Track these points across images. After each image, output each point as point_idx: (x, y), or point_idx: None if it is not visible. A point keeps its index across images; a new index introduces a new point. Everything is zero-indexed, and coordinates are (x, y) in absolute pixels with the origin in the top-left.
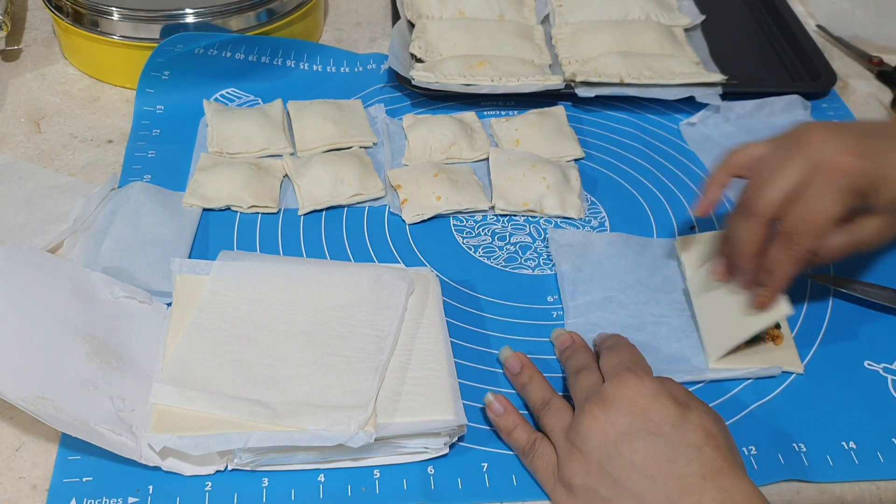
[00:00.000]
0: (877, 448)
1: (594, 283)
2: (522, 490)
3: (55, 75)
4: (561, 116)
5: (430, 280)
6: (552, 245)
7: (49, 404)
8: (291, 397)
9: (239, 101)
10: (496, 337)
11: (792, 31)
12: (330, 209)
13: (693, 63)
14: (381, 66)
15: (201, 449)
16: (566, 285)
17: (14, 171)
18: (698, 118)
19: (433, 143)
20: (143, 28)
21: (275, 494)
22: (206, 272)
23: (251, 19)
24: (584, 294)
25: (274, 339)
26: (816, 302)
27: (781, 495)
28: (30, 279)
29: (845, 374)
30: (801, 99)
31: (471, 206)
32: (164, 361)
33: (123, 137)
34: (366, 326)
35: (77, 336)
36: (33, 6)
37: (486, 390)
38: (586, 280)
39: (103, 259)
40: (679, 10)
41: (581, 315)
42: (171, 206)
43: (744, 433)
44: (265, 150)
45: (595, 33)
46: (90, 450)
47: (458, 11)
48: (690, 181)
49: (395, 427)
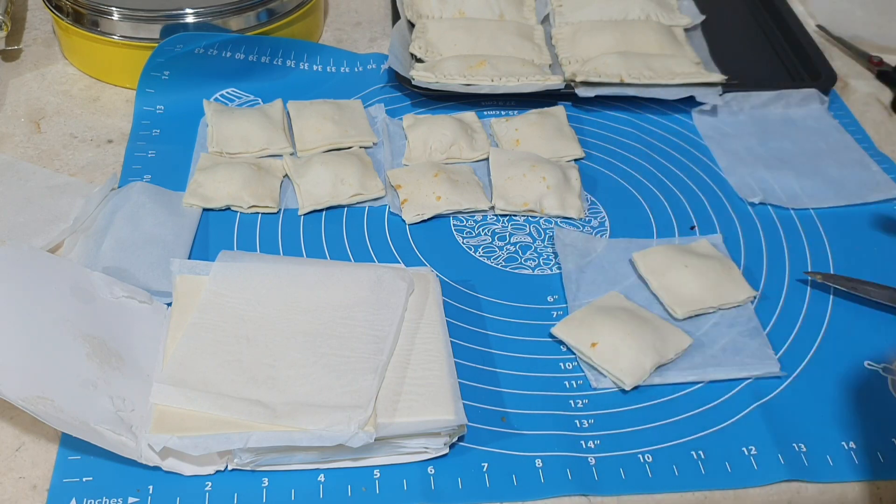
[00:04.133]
0: (877, 448)
1: (596, 284)
2: (522, 490)
3: (55, 75)
4: (561, 116)
5: (430, 280)
6: (557, 243)
7: (49, 404)
8: (291, 397)
9: (239, 101)
10: (496, 337)
11: (792, 31)
12: (330, 209)
13: (693, 63)
14: (381, 66)
15: (201, 449)
16: (570, 283)
17: (14, 171)
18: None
19: (433, 143)
20: (143, 28)
21: (275, 494)
22: (206, 272)
23: (251, 19)
24: (586, 295)
25: (274, 340)
26: (816, 302)
27: (781, 495)
28: (30, 279)
29: (845, 374)
30: (819, 93)
31: (471, 206)
32: (163, 362)
33: (123, 137)
34: (366, 326)
35: (77, 336)
36: (33, 6)
37: (486, 390)
38: (588, 282)
39: (103, 259)
40: (679, 10)
41: None
42: (171, 206)
43: (744, 433)
44: (265, 150)
45: (595, 33)
46: (90, 450)
47: (458, 11)
48: (691, 181)
49: (395, 427)
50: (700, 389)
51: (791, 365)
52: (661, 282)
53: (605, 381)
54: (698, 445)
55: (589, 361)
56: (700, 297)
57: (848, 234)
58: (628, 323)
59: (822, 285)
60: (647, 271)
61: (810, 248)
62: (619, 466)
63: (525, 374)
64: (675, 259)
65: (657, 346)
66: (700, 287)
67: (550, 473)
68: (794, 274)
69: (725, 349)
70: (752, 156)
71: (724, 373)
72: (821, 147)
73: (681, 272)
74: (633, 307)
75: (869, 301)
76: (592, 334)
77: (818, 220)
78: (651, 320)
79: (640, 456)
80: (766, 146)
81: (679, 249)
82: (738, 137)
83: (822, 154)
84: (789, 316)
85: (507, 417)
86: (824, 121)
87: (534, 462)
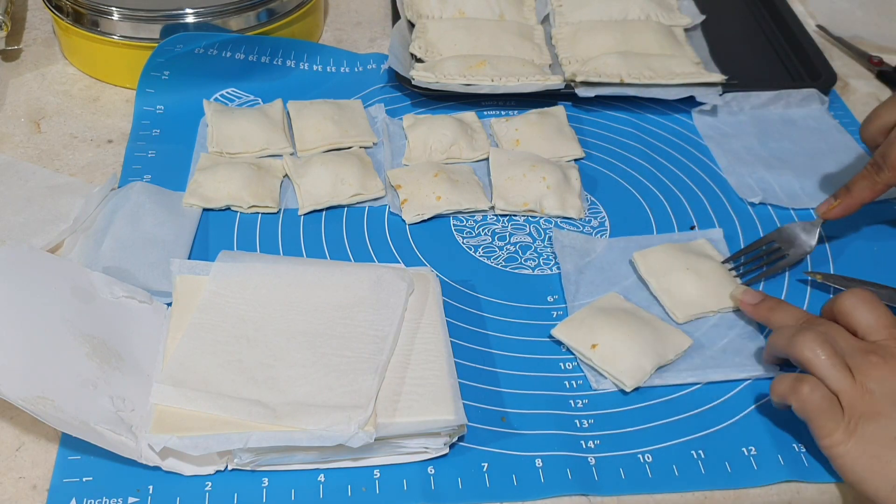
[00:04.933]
0: None
1: (595, 285)
2: (522, 490)
3: (55, 75)
4: (561, 116)
5: (430, 280)
6: (556, 245)
7: (49, 404)
8: (291, 397)
9: (239, 101)
10: (496, 337)
11: (792, 31)
12: (330, 209)
13: (693, 63)
14: (381, 66)
15: (201, 449)
16: (569, 285)
17: (14, 171)
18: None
19: (433, 143)
20: (143, 28)
21: (275, 494)
22: (206, 272)
23: (251, 19)
24: (585, 295)
25: (274, 340)
26: (817, 302)
27: (781, 495)
28: (30, 279)
29: None
30: (819, 93)
31: (471, 206)
32: (163, 362)
33: (123, 137)
34: (366, 326)
35: (77, 336)
36: (33, 6)
37: (486, 390)
38: (588, 282)
39: (103, 259)
40: (679, 10)
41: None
42: (171, 206)
43: (744, 433)
44: (265, 150)
45: (595, 33)
46: (90, 450)
47: (459, 11)
48: (691, 181)
49: (395, 427)
50: (700, 389)
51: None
52: (661, 284)
53: (606, 382)
54: (698, 445)
55: (589, 363)
56: (701, 301)
57: (848, 234)
58: (628, 324)
59: (822, 285)
60: (648, 273)
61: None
62: (619, 466)
63: (525, 374)
64: (677, 260)
65: (657, 348)
66: (701, 290)
67: (550, 473)
68: (794, 274)
69: (725, 351)
70: (752, 156)
71: (724, 374)
72: (821, 147)
73: (682, 275)
74: (632, 308)
75: None
76: (592, 336)
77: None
78: (651, 321)
79: (640, 456)
80: (766, 146)
81: (680, 249)
82: (738, 137)
83: (822, 154)
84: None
85: (507, 417)
86: (824, 121)
87: (534, 462)
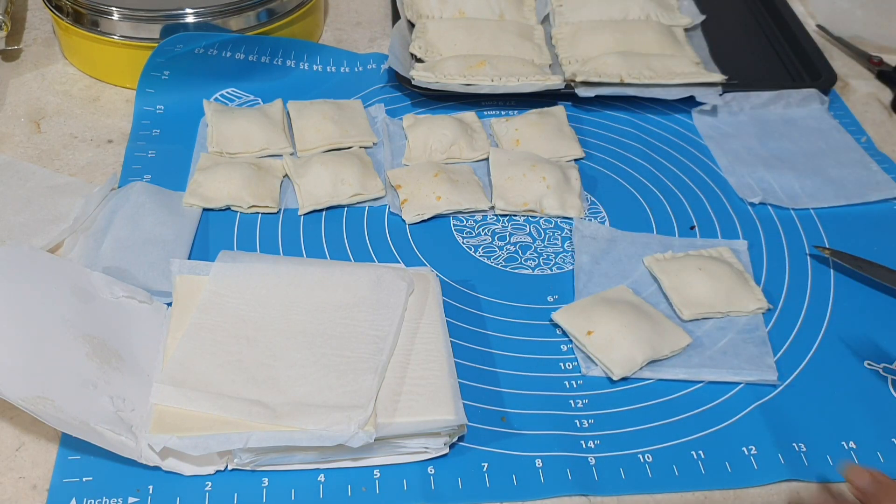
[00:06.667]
0: (877, 448)
1: (609, 276)
2: (522, 490)
3: (55, 75)
4: (561, 116)
5: (430, 280)
6: (575, 235)
7: (49, 404)
8: (291, 397)
9: (239, 101)
10: (496, 337)
11: (792, 31)
12: (330, 209)
13: (693, 63)
14: (381, 66)
15: (201, 449)
16: (581, 275)
17: (14, 171)
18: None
19: (433, 143)
20: (143, 28)
21: (275, 494)
22: (206, 273)
23: (251, 19)
24: (596, 286)
25: (274, 340)
26: (817, 302)
27: (781, 495)
28: (30, 279)
29: (845, 374)
30: (819, 93)
31: (471, 206)
32: (163, 362)
33: (123, 137)
34: (366, 326)
35: (77, 336)
36: (33, 6)
37: (486, 390)
38: (602, 273)
39: (103, 259)
40: (679, 10)
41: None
42: (171, 206)
43: (744, 433)
44: (265, 150)
45: (595, 33)
46: (90, 450)
47: (458, 11)
48: (691, 181)
49: (395, 427)
50: (700, 389)
51: (791, 365)
52: (672, 282)
53: (596, 369)
54: (698, 445)
55: (583, 349)
56: (709, 302)
57: (848, 233)
58: (627, 315)
59: (822, 284)
60: (659, 270)
61: (810, 248)
62: (619, 466)
63: (525, 373)
64: (690, 260)
65: (653, 342)
66: (711, 291)
67: (550, 473)
68: (794, 274)
69: (725, 352)
70: (752, 156)
71: (717, 375)
72: (821, 147)
73: (693, 274)
74: (637, 301)
75: (869, 300)
76: (590, 323)
77: (818, 219)
78: (652, 315)
79: (640, 456)
80: (766, 146)
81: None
82: (738, 137)
83: (822, 154)
84: (790, 315)
85: (507, 417)
86: (824, 121)
87: (534, 462)
